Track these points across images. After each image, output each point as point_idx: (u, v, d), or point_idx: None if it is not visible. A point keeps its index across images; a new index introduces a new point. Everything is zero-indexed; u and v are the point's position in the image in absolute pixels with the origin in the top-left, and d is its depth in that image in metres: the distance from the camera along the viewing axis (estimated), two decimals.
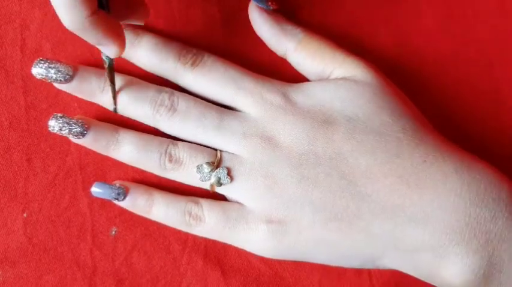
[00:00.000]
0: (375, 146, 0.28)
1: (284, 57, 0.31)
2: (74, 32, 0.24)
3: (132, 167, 0.31)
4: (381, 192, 0.27)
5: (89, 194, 0.30)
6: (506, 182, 0.27)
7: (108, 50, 0.26)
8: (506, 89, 0.32)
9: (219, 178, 0.29)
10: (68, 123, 0.29)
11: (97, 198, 0.30)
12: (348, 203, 0.28)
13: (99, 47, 0.26)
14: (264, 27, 0.30)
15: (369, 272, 0.32)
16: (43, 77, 0.29)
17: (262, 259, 0.31)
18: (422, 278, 0.28)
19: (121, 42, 0.26)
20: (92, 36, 0.24)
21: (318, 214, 0.28)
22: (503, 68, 0.31)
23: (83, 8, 0.23)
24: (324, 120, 0.28)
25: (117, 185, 0.30)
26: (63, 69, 0.29)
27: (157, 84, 0.30)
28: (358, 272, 0.32)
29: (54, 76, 0.29)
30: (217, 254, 0.31)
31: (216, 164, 0.29)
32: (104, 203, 0.31)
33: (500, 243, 0.26)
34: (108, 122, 0.31)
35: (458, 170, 0.27)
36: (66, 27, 0.24)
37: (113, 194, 0.30)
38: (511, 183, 0.28)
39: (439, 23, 0.31)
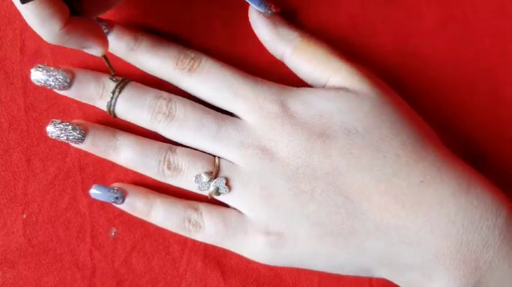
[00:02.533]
0: (372, 163, 0.27)
1: (281, 61, 0.30)
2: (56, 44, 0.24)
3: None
4: (376, 211, 0.27)
5: (88, 195, 0.30)
6: (504, 206, 0.27)
7: (93, 51, 0.26)
8: (506, 89, 0.31)
9: (218, 188, 0.29)
10: (65, 130, 0.29)
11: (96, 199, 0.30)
12: (343, 220, 0.27)
13: (84, 50, 0.26)
14: (263, 30, 0.30)
15: None
16: (41, 84, 0.29)
17: None
18: None
19: (102, 41, 0.26)
20: (72, 43, 0.25)
21: (314, 228, 0.28)
22: (503, 68, 0.31)
23: (55, 21, 0.23)
24: (321, 133, 0.28)
25: (116, 187, 0.30)
26: (61, 77, 0.29)
27: (157, 84, 0.30)
28: None
29: (52, 84, 0.29)
30: (216, 255, 0.31)
31: (214, 174, 0.29)
32: (104, 204, 0.31)
33: (488, 271, 0.26)
34: (107, 124, 0.31)
35: (455, 194, 0.27)
36: (47, 42, 0.24)
37: (112, 197, 0.30)
38: (510, 206, 0.27)
39: (439, 23, 0.31)
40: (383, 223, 0.27)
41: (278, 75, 0.31)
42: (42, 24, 0.23)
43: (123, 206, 0.30)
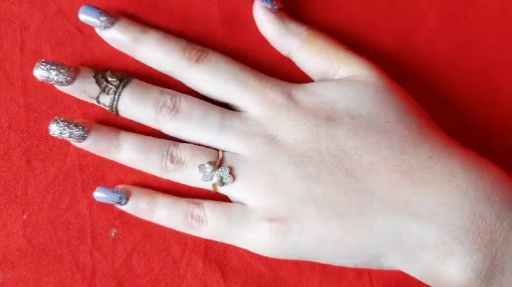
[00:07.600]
0: (379, 142, 0.27)
1: (288, 56, 0.31)
2: None
3: (132, 169, 0.31)
4: (385, 188, 0.27)
5: (88, 196, 0.30)
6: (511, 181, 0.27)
7: None
8: (506, 89, 0.32)
9: (222, 177, 0.29)
10: (68, 127, 0.29)
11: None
12: (352, 200, 0.27)
13: None
14: (269, 26, 0.30)
15: (369, 273, 0.31)
16: (44, 79, 0.29)
17: (262, 261, 0.31)
18: (422, 279, 0.28)
19: None
20: None
21: (321, 211, 0.28)
22: (503, 68, 0.31)
23: None
24: (327, 118, 0.28)
25: (119, 189, 0.30)
26: (64, 71, 0.29)
27: (160, 82, 0.30)
28: (358, 274, 0.31)
29: (55, 78, 0.29)
30: (217, 256, 0.31)
31: (218, 164, 0.29)
32: (104, 205, 0.31)
33: (504, 244, 0.26)
34: (108, 125, 0.31)
35: (465, 167, 0.27)
36: None
37: (116, 198, 0.30)
38: None
39: (440, 23, 0.31)
40: (393, 200, 0.27)
41: (278, 75, 0.31)
42: None
43: (126, 208, 0.30)
